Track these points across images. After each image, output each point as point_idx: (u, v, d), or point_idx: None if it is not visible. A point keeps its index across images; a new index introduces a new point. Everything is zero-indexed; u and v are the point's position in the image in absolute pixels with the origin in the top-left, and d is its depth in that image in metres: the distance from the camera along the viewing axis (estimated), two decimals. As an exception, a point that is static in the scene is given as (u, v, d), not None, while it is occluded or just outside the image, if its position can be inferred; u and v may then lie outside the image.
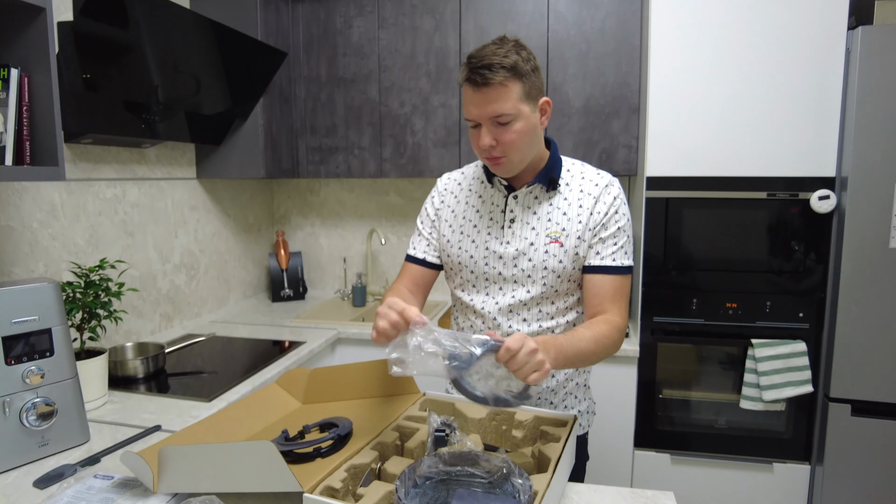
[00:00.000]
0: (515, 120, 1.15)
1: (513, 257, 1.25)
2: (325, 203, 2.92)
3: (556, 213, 1.24)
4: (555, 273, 1.23)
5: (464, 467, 0.96)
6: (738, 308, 1.98)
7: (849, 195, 1.81)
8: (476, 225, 1.30)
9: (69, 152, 1.73)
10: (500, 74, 1.10)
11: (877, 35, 1.74)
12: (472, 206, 1.32)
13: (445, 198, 1.36)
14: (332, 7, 2.45)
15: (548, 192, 1.26)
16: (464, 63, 1.15)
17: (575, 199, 1.25)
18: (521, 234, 1.25)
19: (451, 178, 1.40)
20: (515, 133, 1.15)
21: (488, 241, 1.27)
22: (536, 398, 1.32)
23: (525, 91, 1.15)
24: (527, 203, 1.27)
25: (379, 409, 1.25)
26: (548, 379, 1.30)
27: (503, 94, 1.12)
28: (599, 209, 1.23)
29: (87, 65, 1.56)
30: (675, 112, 1.95)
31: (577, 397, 1.38)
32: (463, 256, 1.30)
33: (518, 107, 1.14)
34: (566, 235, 1.23)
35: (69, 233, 1.73)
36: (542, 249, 1.23)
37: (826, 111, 1.85)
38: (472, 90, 1.13)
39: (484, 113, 1.14)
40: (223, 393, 1.58)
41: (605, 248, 1.22)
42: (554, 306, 1.27)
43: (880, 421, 1.84)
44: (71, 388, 1.23)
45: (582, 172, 1.28)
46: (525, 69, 1.14)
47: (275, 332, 2.21)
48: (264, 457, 0.87)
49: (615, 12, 2.18)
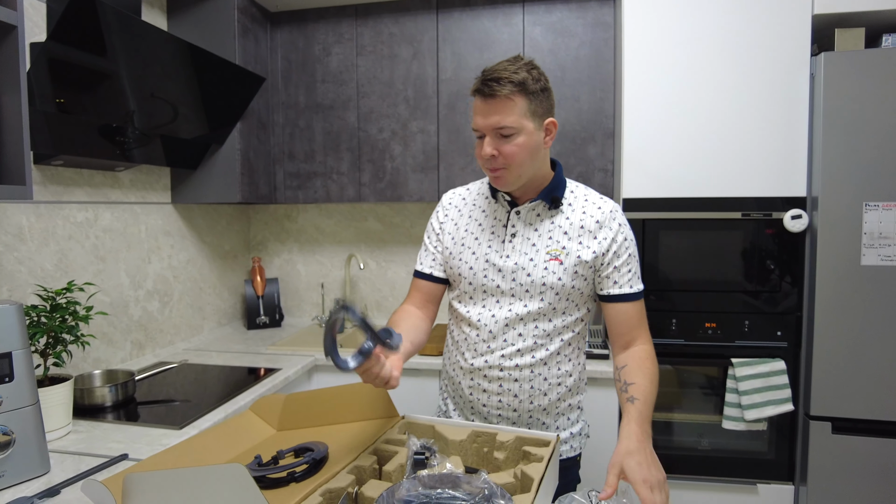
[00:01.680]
0: (518, 134, 1.17)
1: (511, 271, 1.26)
2: (303, 229, 2.89)
3: (556, 232, 1.26)
4: (553, 290, 1.24)
5: (444, 489, 0.93)
6: (718, 328, 1.99)
7: (819, 214, 1.85)
8: (477, 237, 1.32)
9: (39, 174, 1.69)
10: (507, 88, 1.14)
11: (838, 60, 1.80)
12: (474, 220, 1.34)
13: (449, 212, 1.39)
14: (310, 35, 2.47)
15: (550, 210, 1.28)
16: (478, 76, 1.19)
17: (577, 220, 1.27)
18: (521, 249, 1.26)
19: (455, 193, 1.42)
20: (517, 146, 1.18)
21: (488, 254, 1.28)
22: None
23: (531, 108, 1.18)
24: (528, 219, 1.28)
25: (356, 433, 1.21)
26: (540, 397, 1.30)
27: (508, 106, 1.15)
28: (605, 235, 1.25)
29: (59, 89, 1.53)
30: (649, 136, 1.99)
31: (569, 419, 1.36)
32: (462, 268, 1.31)
33: (521, 122, 1.17)
34: (566, 254, 1.24)
35: (36, 257, 1.68)
36: (542, 266, 1.24)
37: (794, 133, 1.90)
38: (480, 101, 1.18)
39: (488, 123, 1.17)
40: (195, 420, 1.52)
41: (621, 277, 1.26)
42: (551, 324, 1.27)
43: (860, 438, 1.85)
44: (31, 416, 1.17)
45: (585, 195, 1.31)
46: (534, 88, 1.17)
47: (250, 359, 2.16)
48: (236, 481, 0.83)
49: (589, 41, 2.24)
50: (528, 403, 1.29)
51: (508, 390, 1.28)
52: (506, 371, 1.27)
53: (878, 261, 1.81)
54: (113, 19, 1.55)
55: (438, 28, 2.35)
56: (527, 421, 1.31)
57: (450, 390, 1.41)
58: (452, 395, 1.40)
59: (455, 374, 1.36)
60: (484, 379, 1.29)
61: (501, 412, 1.30)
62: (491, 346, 1.28)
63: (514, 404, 1.29)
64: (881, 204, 1.79)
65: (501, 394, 1.29)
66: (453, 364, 1.37)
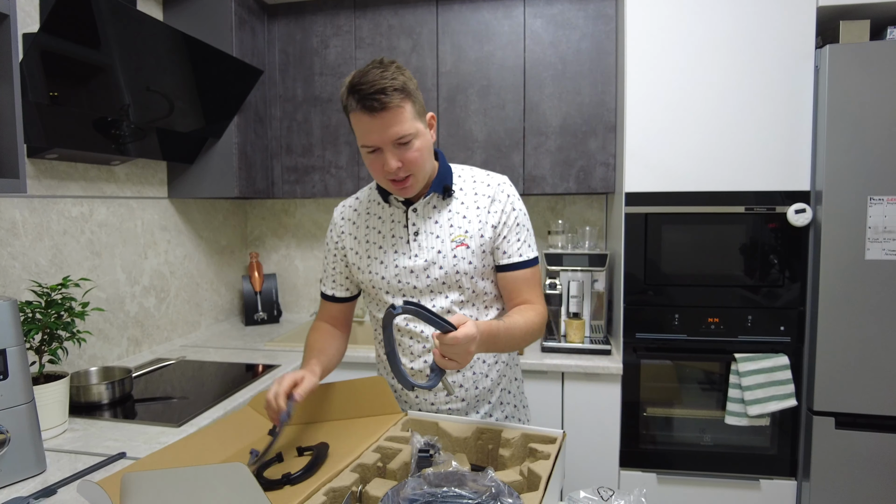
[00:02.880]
0: (415, 138, 1.16)
1: (423, 268, 1.25)
2: (301, 225, 2.86)
3: (456, 218, 1.27)
4: (467, 275, 1.25)
5: (450, 488, 0.91)
6: (720, 323, 1.98)
7: (823, 208, 1.83)
8: (381, 246, 1.30)
9: (32, 168, 1.66)
10: (395, 97, 1.11)
11: (843, 53, 1.79)
12: (373, 228, 1.32)
13: (345, 227, 1.36)
14: (308, 27, 2.44)
15: (444, 200, 1.28)
16: (347, 91, 1.14)
17: (471, 202, 1.28)
18: (427, 245, 1.26)
19: (345, 205, 1.39)
20: (417, 151, 1.17)
21: (396, 259, 1.28)
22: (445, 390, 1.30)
23: (416, 110, 1.17)
24: (426, 213, 1.28)
25: (358, 430, 1.20)
26: (483, 379, 1.31)
27: (400, 115, 1.13)
28: (496, 208, 1.27)
29: (53, 81, 1.50)
30: (651, 129, 1.97)
31: (510, 392, 1.39)
32: (375, 279, 1.30)
33: (415, 125, 1.16)
34: (470, 237, 1.25)
35: (31, 252, 1.65)
36: (451, 255, 1.25)
37: (798, 126, 1.88)
38: (368, 117, 1.12)
39: (386, 137, 1.14)
40: (193, 418, 1.49)
41: (510, 247, 1.27)
42: (475, 308, 1.29)
43: (864, 433, 1.84)
44: (26, 415, 1.15)
45: (473, 176, 1.32)
46: (412, 88, 1.16)
47: (248, 355, 2.13)
48: (237, 480, 0.81)
49: (590, 33, 2.22)
50: (473, 390, 1.31)
51: (454, 382, 1.29)
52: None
53: (882, 255, 1.79)
54: (107, 9, 1.52)
55: (438, 20, 2.32)
56: (474, 406, 1.32)
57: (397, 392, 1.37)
58: (399, 396, 1.36)
59: (396, 383, 1.35)
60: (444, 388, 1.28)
61: (451, 405, 1.31)
62: (426, 347, 1.27)
63: (461, 394, 1.30)
64: (886, 198, 1.78)
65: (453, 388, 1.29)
66: (392, 374, 1.34)
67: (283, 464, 1.08)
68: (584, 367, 1.99)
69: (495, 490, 0.88)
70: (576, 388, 2.02)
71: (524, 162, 2.30)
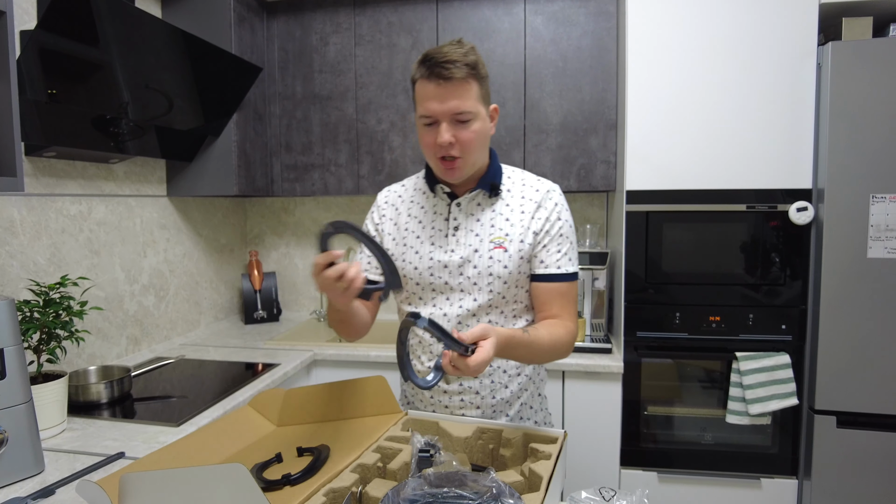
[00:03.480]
0: (474, 119, 1.14)
1: (458, 265, 1.22)
2: (301, 223, 2.86)
3: (498, 219, 1.24)
4: (500, 279, 1.21)
5: (451, 488, 0.91)
6: (721, 322, 1.97)
7: (825, 206, 1.83)
8: (419, 236, 1.27)
9: (30, 166, 1.65)
10: (463, 70, 1.10)
11: (845, 50, 1.78)
12: (414, 217, 1.29)
13: (386, 211, 1.34)
14: (307, 25, 2.43)
15: (490, 199, 1.25)
16: (419, 62, 1.13)
17: (517, 205, 1.24)
18: (466, 242, 1.23)
19: (391, 191, 1.37)
20: (473, 133, 1.14)
21: (433, 251, 1.24)
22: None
23: (482, 94, 1.15)
24: (470, 210, 1.25)
25: (358, 430, 1.19)
26: (501, 390, 1.27)
27: (465, 90, 1.11)
28: (541, 215, 1.23)
29: (51, 78, 1.49)
30: (652, 127, 1.96)
31: (532, 408, 1.34)
32: (407, 268, 1.26)
33: (477, 106, 1.14)
34: (510, 240, 1.22)
35: (29, 251, 1.64)
36: (487, 255, 1.21)
37: (800, 124, 1.87)
38: (433, 85, 1.11)
39: (446, 108, 1.11)
40: (193, 417, 1.49)
41: (549, 257, 1.22)
42: (502, 315, 1.25)
43: (865, 432, 1.83)
44: (24, 414, 1.14)
45: (522, 179, 1.29)
46: (483, 72, 1.15)
47: (248, 354, 2.13)
48: (236, 481, 0.80)
49: (591, 30, 2.21)
50: (490, 398, 1.26)
51: (469, 388, 1.26)
52: None
53: (884, 253, 1.78)
54: (105, 6, 1.51)
55: (438, 17, 2.31)
56: (490, 415, 1.28)
57: (409, 394, 1.36)
58: (412, 398, 1.35)
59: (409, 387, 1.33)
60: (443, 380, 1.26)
61: (465, 411, 1.27)
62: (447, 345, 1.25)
63: (477, 401, 1.26)
64: (888, 196, 1.77)
65: (463, 392, 1.26)
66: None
67: (283, 464, 1.07)
68: (584, 366, 1.98)
69: (496, 490, 0.88)
70: (576, 386, 2.01)
71: (525, 159, 2.29)
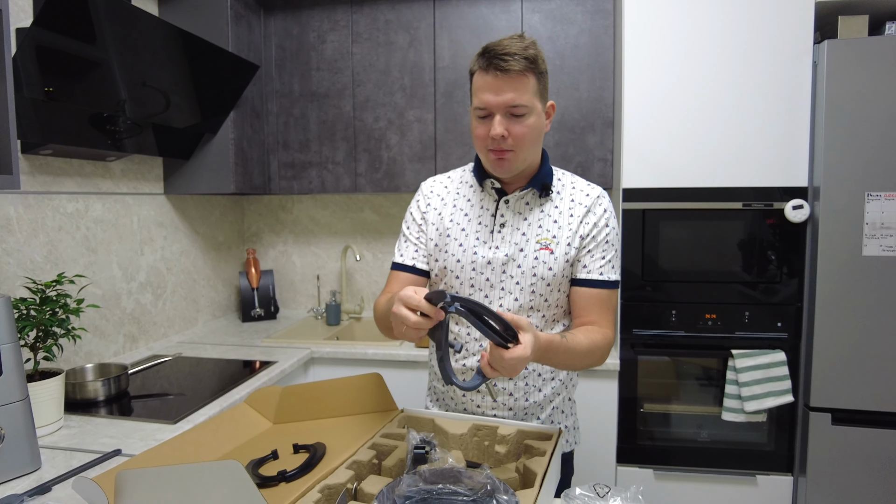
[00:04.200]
0: (529, 114, 1.12)
1: (502, 263, 1.20)
2: (298, 220, 2.86)
3: (546, 221, 1.22)
4: (544, 280, 1.19)
5: (446, 485, 0.91)
6: (718, 319, 1.98)
7: (821, 204, 1.83)
8: (464, 229, 1.25)
9: (27, 164, 1.65)
10: (522, 63, 1.08)
11: (841, 48, 1.78)
12: (460, 210, 1.27)
13: (432, 200, 1.31)
14: (304, 22, 2.43)
15: (540, 199, 1.24)
16: (479, 54, 1.12)
17: (566, 208, 1.23)
18: (512, 240, 1.21)
19: (436, 181, 1.35)
20: (528, 127, 1.13)
21: (477, 246, 1.22)
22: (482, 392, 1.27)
23: (539, 89, 1.14)
24: (518, 208, 1.24)
25: (354, 427, 1.19)
26: (535, 393, 1.26)
27: (522, 83, 1.10)
28: (589, 220, 1.21)
29: (47, 76, 1.49)
30: (649, 125, 1.97)
31: (563, 412, 1.33)
32: (449, 261, 1.24)
33: (533, 101, 1.12)
34: (556, 243, 1.20)
35: (25, 249, 1.64)
36: (532, 255, 1.20)
37: (796, 122, 1.88)
38: (490, 77, 1.10)
39: (501, 100, 1.10)
40: (189, 415, 1.49)
41: (592, 262, 1.21)
42: (542, 318, 1.23)
43: (860, 429, 1.84)
44: (21, 412, 1.14)
45: (573, 182, 1.27)
46: (542, 67, 1.13)
47: (245, 352, 2.13)
48: (232, 478, 0.80)
49: (588, 29, 2.21)
50: (523, 401, 1.25)
51: (503, 389, 1.24)
52: None
53: (879, 251, 1.79)
54: (102, 4, 1.51)
55: (435, 15, 2.31)
56: (522, 418, 1.27)
57: (440, 391, 1.35)
58: (442, 397, 1.34)
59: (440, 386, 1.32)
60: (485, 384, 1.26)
61: (497, 412, 1.26)
62: (483, 345, 1.22)
63: (510, 403, 1.25)
64: (883, 194, 1.78)
65: (497, 394, 1.25)
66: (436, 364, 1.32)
67: (279, 461, 1.08)
68: (581, 364, 1.98)
69: (491, 487, 0.88)
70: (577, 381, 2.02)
71: (522, 158, 2.29)
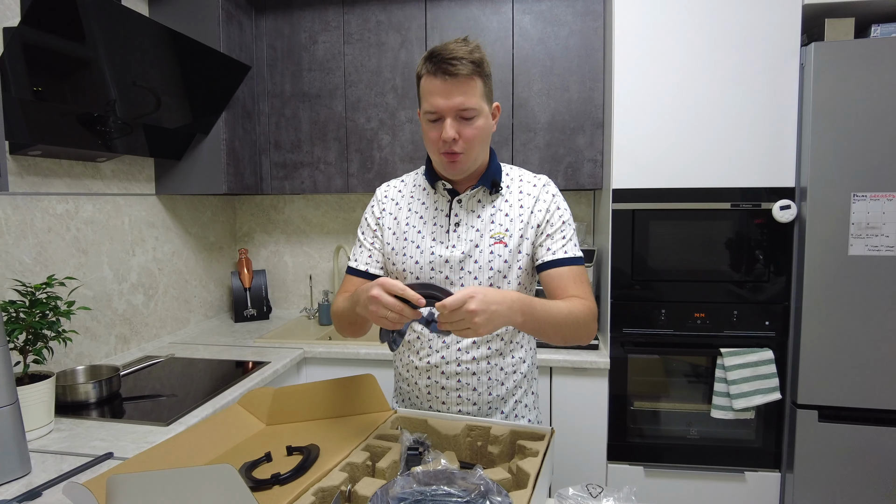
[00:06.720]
0: (478, 116, 1.17)
1: (459, 260, 1.24)
2: (290, 221, 2.85)
3: (498, 215, 1.26)
4: (500, 273, 1.23)
5: (439, 486, 0.92)
6: (706, 318, 2.00)
7: (808, 205, 1.86)
8: (420, 231, 1.29)
9: (15, 164, 1.64)
10: (469, 67, 1.12)
11: (828, 50, 1.80)
12: (415, 213, 1.31)
13: (386, 206, 1.34)
14: (296, 23, 2.42)
15: (491, 196, 1.28)
16: (424, 58, 1.15)
17: (515, 201, 1.27)
18: (467, 237, 1.25)
19: (391, 185, 1.38)
20: (477, 129, 1.17)
21: (434, 247, 1.26)
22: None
23: (486, 91, 1.18)
24: (471, 206, 1.27)
25: (347, 428, 1.20)
26: (498, 387, 1.28)
27: (470, 87, 1.14)
28: (540, 207, 1.25)
29: (36, 75, 1.48)
30: (638, 126, 1.98)
31: (526, 406, 1.36)
32: (408, 263, 1.27)
33: (480, 104, 1.16)
34: (510, 236, 1.24)
35: (14, 251, 1.63)
36: (487, 251, 1.23)
37: (783, 123, 1.90)
38: (438, 81, 1.13)
39: (451, 104, 1.14)
40: (182, 416, 1.49)
41: (554, 244, 1.24)
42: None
43: (847, 426, 1.87)
44: (9, 416, 1.13)
45: (520, 176, 1.31)
46: (487, 70, 1.18)
47: (238, 352, 2.13)
48: (225, 482, 0.81)
49: (579, 30, 2.22)
50: (486, 395, 1.28)
51: (467, 384, 1.27)
52: (463, 365, 1.26)
53: (865, 251, 1.82)
54: (90, 3, 1.50)
55: (427, 16, 2.31)
56: (486, 412, 1.29)
57: (405, 391, 1.36)
58: (408, 394, 1.36)
59: (410, 375, 1.33)
60: (442, 376, 1.27)
61: (461, 407, 1.28)
62: (446, 342, 1.26)
63: (474, 398, 1.28)
64: (869, 194, 1.80)
65: (460, 389, 1.27)
66: (406, 364, 1.33)
67: (272, 464, 1.08)
68: (571, 362, 2.00)
69: (484, 488, 0.89)
70: (564, 382, 2.04)
71: (513, 158, 2.30)
